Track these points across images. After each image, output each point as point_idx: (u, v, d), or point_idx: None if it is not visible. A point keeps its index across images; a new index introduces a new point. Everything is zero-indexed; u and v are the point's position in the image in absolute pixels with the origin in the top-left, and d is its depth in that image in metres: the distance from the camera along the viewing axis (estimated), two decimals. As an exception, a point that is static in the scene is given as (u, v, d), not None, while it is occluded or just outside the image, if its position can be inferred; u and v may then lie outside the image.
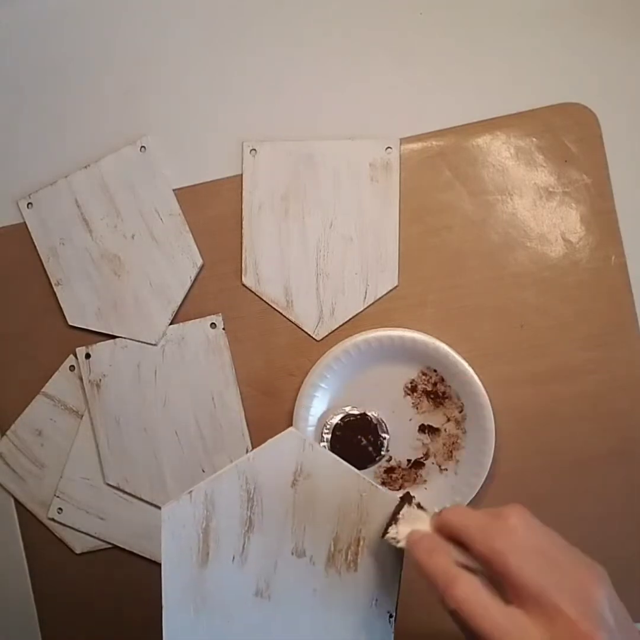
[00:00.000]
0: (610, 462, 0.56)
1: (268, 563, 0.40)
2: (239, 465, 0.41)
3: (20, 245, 0.62)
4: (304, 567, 0.40)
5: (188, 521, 0.40)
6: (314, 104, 0.60)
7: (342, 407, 0.58)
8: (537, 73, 0.58)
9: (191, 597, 0.40)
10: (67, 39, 0.63)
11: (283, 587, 0.40)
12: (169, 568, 0.40)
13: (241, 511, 0.40)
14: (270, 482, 0.41)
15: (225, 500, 0.40)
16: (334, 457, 0.42)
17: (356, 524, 0.41)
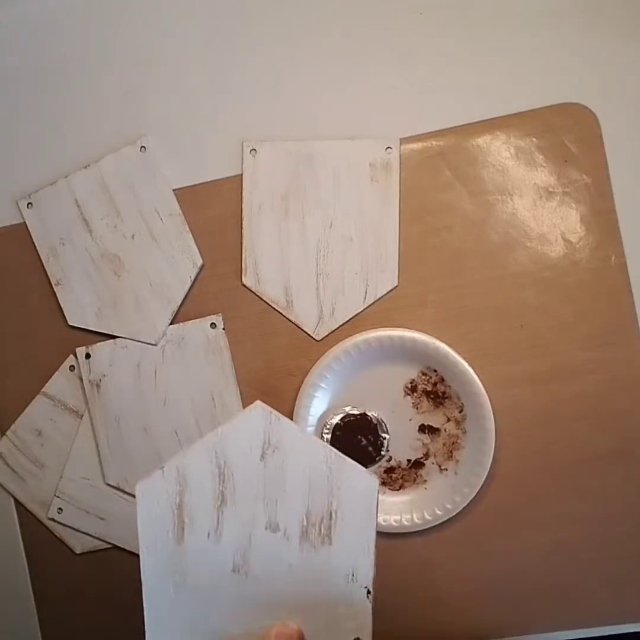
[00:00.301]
0: (610, 462, 0.56)
1: (243, 538, 0.40)
2: (207, 440, 0.41)
3: (20, 245, 0.62)
4: (278, 542, 0.40)
5: (162, 497, 0.40)
6: (314, 104, 0.60)
7: (342, 407, 0.58)
8: (537, 73, 0.58)
9: (170, 574, 0.40)
10: (67, 39, 0.63)
11: (259, 563, 0.40)
12: (146, 545, 0.40)
13: (213, 485, 0.40)
14: (239, 456, 0.40)
15: (197, 475, 0.40)
16: (299, 429, 0.41)
17: (327, 497, 0.40)
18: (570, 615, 0.57)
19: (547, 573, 0.57)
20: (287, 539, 0.40)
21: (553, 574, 0.57)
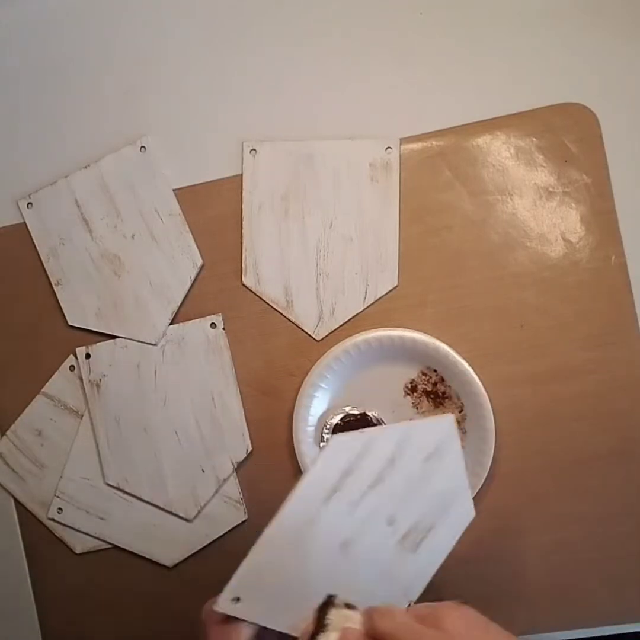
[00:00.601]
0: (610, 462, 0.56)
1: (365, 521, 0.41)
2: (401, 429, 0.43)
3: (20, 245, 0.62)
4: (385, 535, 0.42)
5: (345, 454, 0.41)
6: (314, 104, 0.60)
7: (342, 407, 0.58)
8: (537, 73, 0.58)
9: (299, 525, 0.40)
10: (67, 39, 0.63)
11: (362, 548, 0.41)
12: (301, 491, 0.40)
13: (381, 466, 0.41)
14: (411, 452, 0.42)
15: (377, 452, 0.41)
16: (462, 455, 0.45)
17: (438, 516, 0.44)
18: (570, 615, 0.57)
19: (547, 573, 0.57)
20: (393, 534, 0.42)
21: (553, 574, 0.57)
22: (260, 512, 0.59)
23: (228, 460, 0.59)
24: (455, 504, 0.45)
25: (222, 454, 0.59)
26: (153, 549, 0.60)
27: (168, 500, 0.59)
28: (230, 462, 0.59)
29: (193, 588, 0.60)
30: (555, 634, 0.57)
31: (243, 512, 0.59)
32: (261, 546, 0.38)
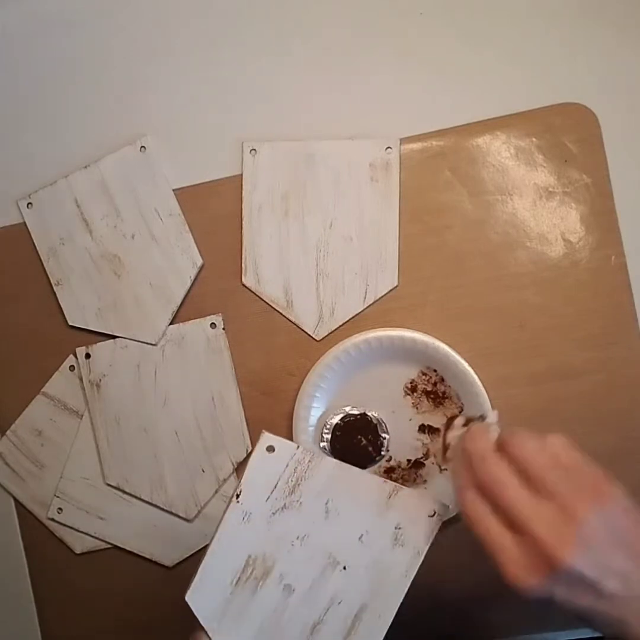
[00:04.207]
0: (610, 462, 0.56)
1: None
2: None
3: (20, 245, 0.62)
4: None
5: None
6: (314, 104, 0.60)
7: (342, 407, 0.58)
8: (537, 73, 0.58)
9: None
10: (67, 39, 0.63)
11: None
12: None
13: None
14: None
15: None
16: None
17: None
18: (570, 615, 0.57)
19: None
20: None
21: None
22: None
23: (228, 460, 0.59)
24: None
25: (222, 454, 0.59)
26: (153, 549, 0.60)
27: (168, 500, 0.59)
28: (230, 462, 0.59)
29: (193, 588, 0.60)
30: (555, 633, 0.57)
31: (243, 512, 0.59)
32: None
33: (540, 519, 0.35)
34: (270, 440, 0.45)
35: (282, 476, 0.44)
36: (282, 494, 0.44)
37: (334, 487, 0.44)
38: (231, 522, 0.44)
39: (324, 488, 0.44)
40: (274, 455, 0.45)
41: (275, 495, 0.44)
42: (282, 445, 0.45)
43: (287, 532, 0.44)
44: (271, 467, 0.44)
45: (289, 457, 0.45)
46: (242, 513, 0.44)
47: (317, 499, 0.44)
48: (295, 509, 0.44)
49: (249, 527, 0.44)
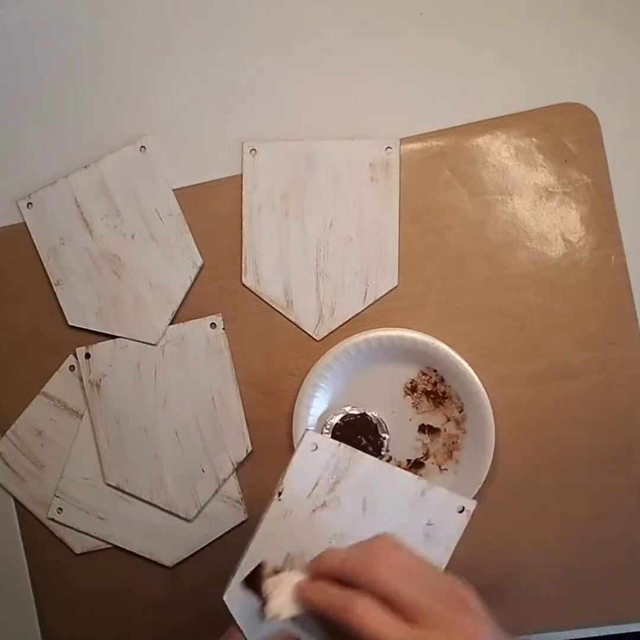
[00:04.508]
0: (610, 461, 0.56)
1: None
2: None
3: (20, 245, 0.62)
4: None
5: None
6: (314, 104, 0.60)
7: (342, 407, 0.58)
8: (537, 73, 0.58)
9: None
10: (67, 39, 0.63)
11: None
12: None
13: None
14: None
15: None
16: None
17: None
18: (570, 614, 0.57)
19: (547, 573, 0.57)
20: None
21: (553, 574, 0.57)
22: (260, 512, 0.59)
23: (228, 460, 0.59)
24: None
25: (222, 454, 0.59)
26: (153, 549, 0.60)
27: (168, 500, 0.59)
28: (230, 462, 0.59)
29: (193, 588, 0.60)
30: (555, 633, 0.57)
31: (243, 512, 0.59)
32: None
33: (438, 606, 0.33)
34: (314, 438, 0.45)
35: (324, 474, 0.44)
36: (323, 492, 0.44)
37: (372, 485, 0.44)
38: (272, 521, 0.44)
39: (362, 485, 0.44)
40: (317, 453, 0.45)
41: (316, 493, 0.44)
42: (324, 442, 0.45)
43: (326, 529, 0.43)
44: (313, 465, 0.44)
45: (330, 454, 0.45)
46: (283, 511, 0.44)
47: (355, 496, 0.44)
48: (334, 506, 0.44)
49: (288, 524, 0.43)
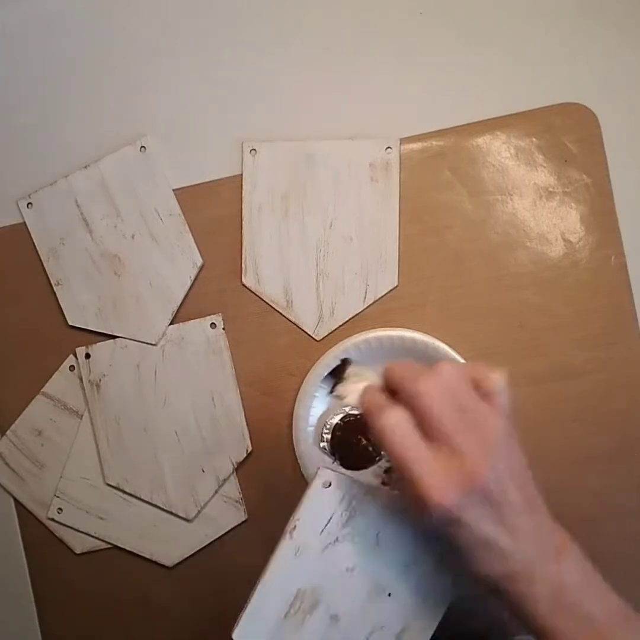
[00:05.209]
0: (610, 461, 0.56)
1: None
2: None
3: (20, 245, 0.62)
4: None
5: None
6: (314, 104, 0.60)
7: (342, 407, 0.58)
8: (537, 73, 0.58)
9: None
10: (67, 39, 0.63)
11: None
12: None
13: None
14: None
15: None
16: None
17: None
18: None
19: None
20: None
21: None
22: (260, 512, 0.59)
23: (228, 460, 0.59)
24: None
25: (222, 454, 0.59)
26: (153, 549, 0.60)
27: (168, 500, 0.59)
28: (230, 462, 0.59)
29: (193, 588, 0.60)
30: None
31: (243, 512, 0.59)
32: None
33: (461, 434, 0.35)
34: (328, 476, 0.44)
35: (337, 510, 0.43)
36: (335, 528, 0.43)
37: (386, 518, 0.43)
38: (283, 558, 0.43)
39: (376, 519, 0.43)
40: (330, 490, 0.43)
41: (328, 529, 0.43)
42: (339, 480, 0.44)
43: (338, 564, 0.42)
44: (326, 502, 0.43)
45: (345, 491, 0.43)
46: (295, 548, 0.43)
47: (369, 531, 0.43)
48: (347, 541, 0.43)
49: (300, 561, 0.42)
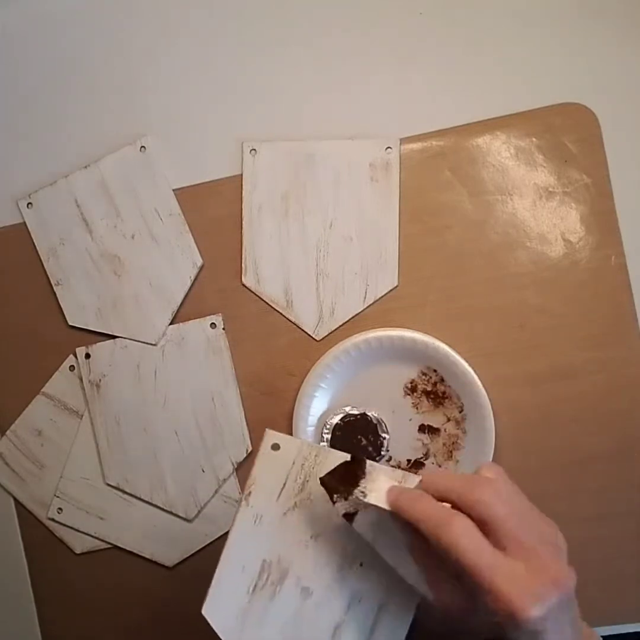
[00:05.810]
0: (610, 461, 0.56)
1: None
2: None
3: (20, 245, 0.62)
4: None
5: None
6: (314, 104, 0.60)
7: (342, 407, 0.58)
8: (537, 73, 0.58)
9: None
10: (67, 39, 0.63)
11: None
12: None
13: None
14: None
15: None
16: None
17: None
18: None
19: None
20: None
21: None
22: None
23: (228, 460, 0.59)
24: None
25: (222, 454, 0.59)
26: (153, 549, 0.60)
27: (168, 500, 0.59)
28: (230, 462, 0.59)
29: (193, 588, 0.60)
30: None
31: (243, 512, 0.59)
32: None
33: (532, 540, 0.36)
34: (275, 438, 0.43)
35: (290, 474, 0.43)
36: (292, 493, 0.42)
37: None
38: (242, 527, 0.42)
39: None
40: (280, 453, 0.43)
41: (285, 494, 0.42)
42: (287, 442, 0.43)
43: (300, 531, 0.42)
44: (278, 465, 0.43)
45: (295, 453, 0.43)
46: (253, 516, 0.42)
47: (326, 496, 0.41)
48: (306, 506, 0.42)
49: (261, 530, 0.42)
